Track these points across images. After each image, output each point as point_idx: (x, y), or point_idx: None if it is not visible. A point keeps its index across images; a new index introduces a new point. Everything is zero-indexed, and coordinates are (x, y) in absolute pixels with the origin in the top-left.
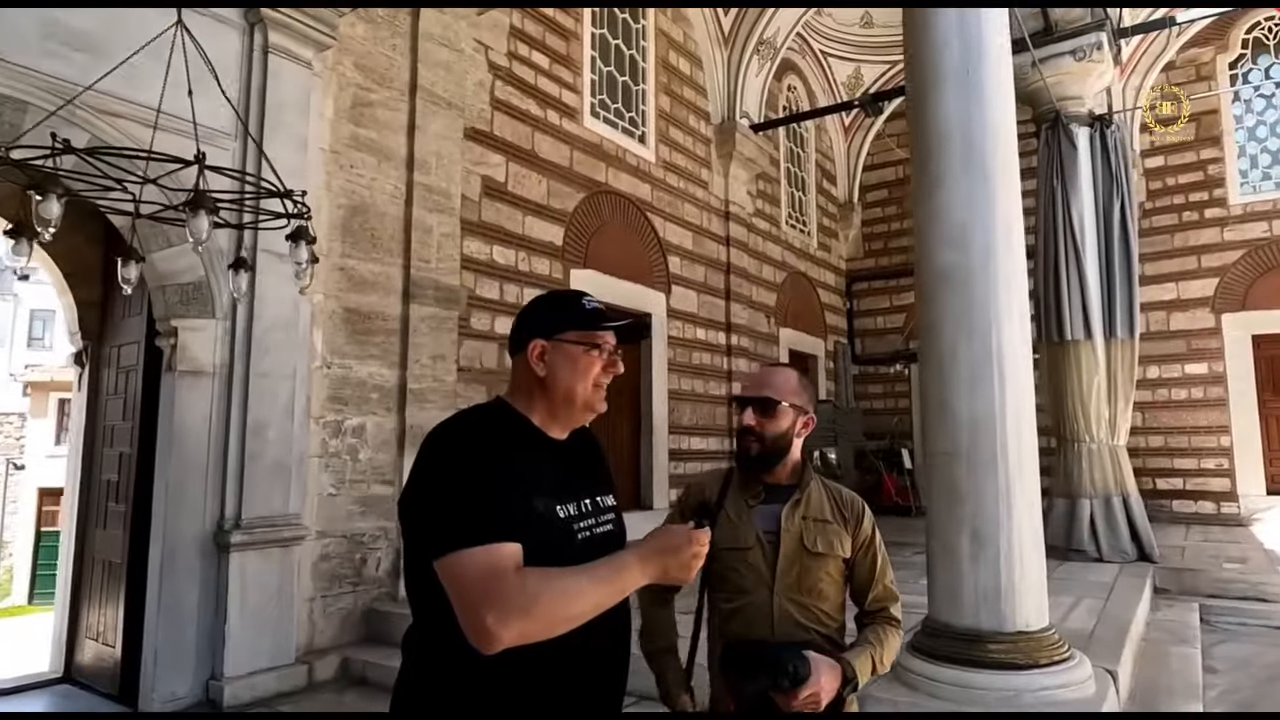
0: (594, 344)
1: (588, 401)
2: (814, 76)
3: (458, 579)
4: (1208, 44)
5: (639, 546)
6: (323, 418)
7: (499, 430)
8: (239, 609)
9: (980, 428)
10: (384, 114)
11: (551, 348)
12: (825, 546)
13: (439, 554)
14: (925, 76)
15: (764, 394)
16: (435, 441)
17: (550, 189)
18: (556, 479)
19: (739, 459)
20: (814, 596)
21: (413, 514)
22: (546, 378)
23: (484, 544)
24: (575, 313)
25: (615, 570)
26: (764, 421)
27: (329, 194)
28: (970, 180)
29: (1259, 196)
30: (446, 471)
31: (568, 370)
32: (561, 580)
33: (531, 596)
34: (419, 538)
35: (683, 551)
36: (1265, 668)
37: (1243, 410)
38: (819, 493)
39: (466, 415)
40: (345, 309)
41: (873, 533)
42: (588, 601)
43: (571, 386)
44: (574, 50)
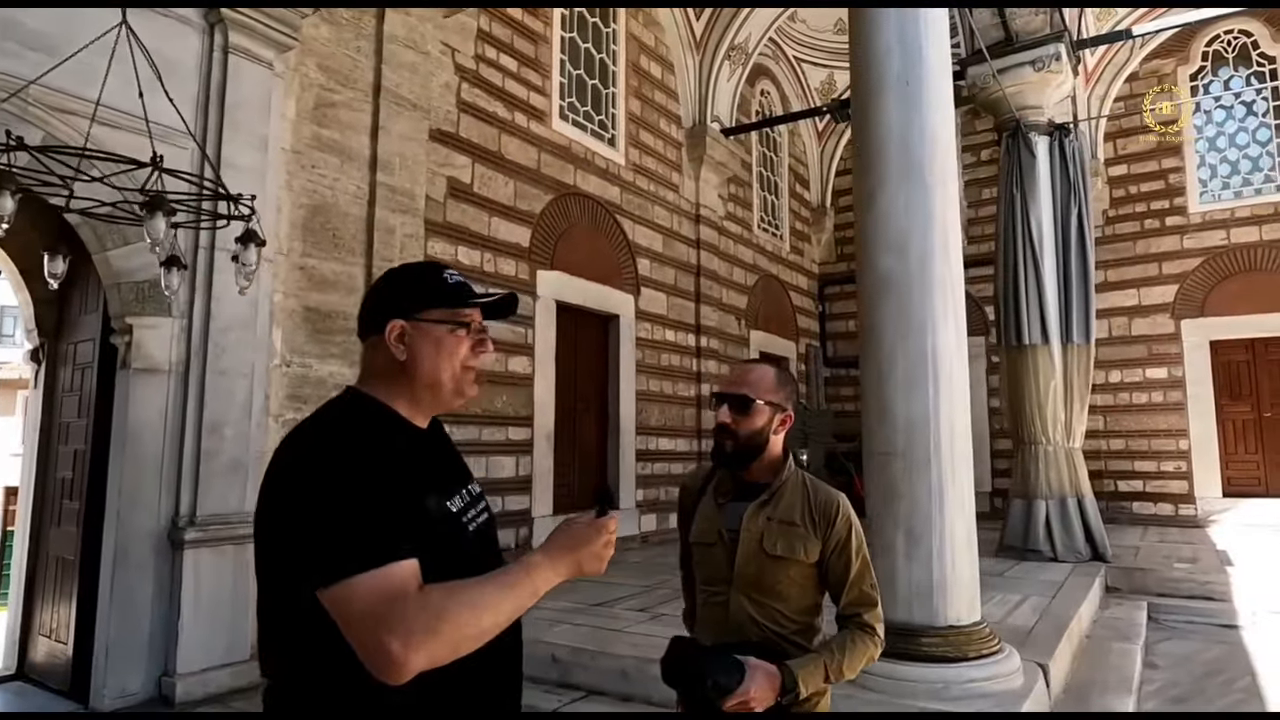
0: (460, 322)
1: (457, 386)
2: (787, 82)
3: (352, 608)
4: (1169, 56)
5: (545, 546)
6: (282, 416)
7: (371, 428)
8: (193, 605)
9: (916, 429)
10: (347, 115)
11: (412, 328)
12: (785, 550)
13: (325, 583)
14: (868, 85)
15: (739, 391)
16: (296, 452)
17: (518, 190)
18: (437, 472)
19: (714, 455)
20: (772, 597)
21: (280, 542)
22: (408, 362)
23: (379, 565)
24: (437, 288)
25: (523, 573)
26: (739, 419)
27: (290, 194)
28: (909, 188)
29: (1218, 205)
30: (321, 486)
31: (432, 352)
32: (467, 593)
33: (436, 614)
34: (289, 569)
35: (593, 543)
36: (1204, 664)
37: (1200, 414)
38: (793, 494)
39: (324, 416)
40: (306, 308)
41: (847, 535)
42: (499, 612)
43: (437, 370)
44: (543, 53)
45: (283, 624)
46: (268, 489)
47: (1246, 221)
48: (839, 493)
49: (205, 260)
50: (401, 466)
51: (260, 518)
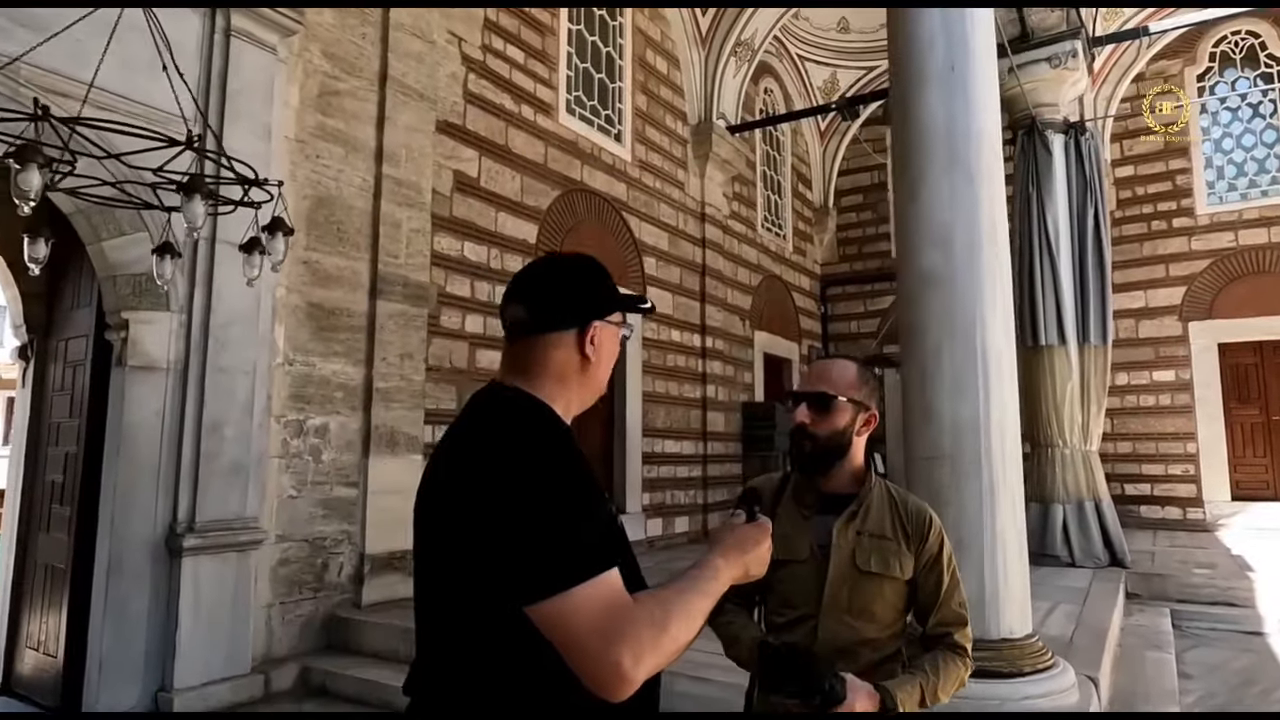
0: (627, 326)
1: (604, 387)
2: (791, 80)
3: (577, 621)
4: (1176, 57)
5: (718, 549)
6: (284, 416)
7: (559, 428)
8: (191, 616)
9: (964, 432)
10: (352, 104)
11: (599, 330)
12: (880, 566)
13: (540, 596)
14: (909, 75)
15: (819, 388)
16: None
17: (524, 185)
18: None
19: (792, 461)
20: (864, 619)
21: (469, 555)
22: (593, 363)
23: (596, 575)
24: (615, 291)
25: (711, 577)
26: (818, 418)
27: (293, 184)
28: (953, 180)
29: (1225, 207)
30: (524, 492)
31: (609, 356)
32: (678, 602)
33: (660, 626)
34: (482, 584)
35: (760, 545)
36: (1237, 673)
37: (1209, 417)
38: (881, 504)
39: (504, 416)
40: (309, 304)
41: (939, 550)
42: (700, 621)
43: (607, 373)
44: (550, 45)
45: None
46: (445, 496)
47: (1255, 223)
48: (925, 503)
49: (206, 252)
50: (586, 464)
51: (433, 527)
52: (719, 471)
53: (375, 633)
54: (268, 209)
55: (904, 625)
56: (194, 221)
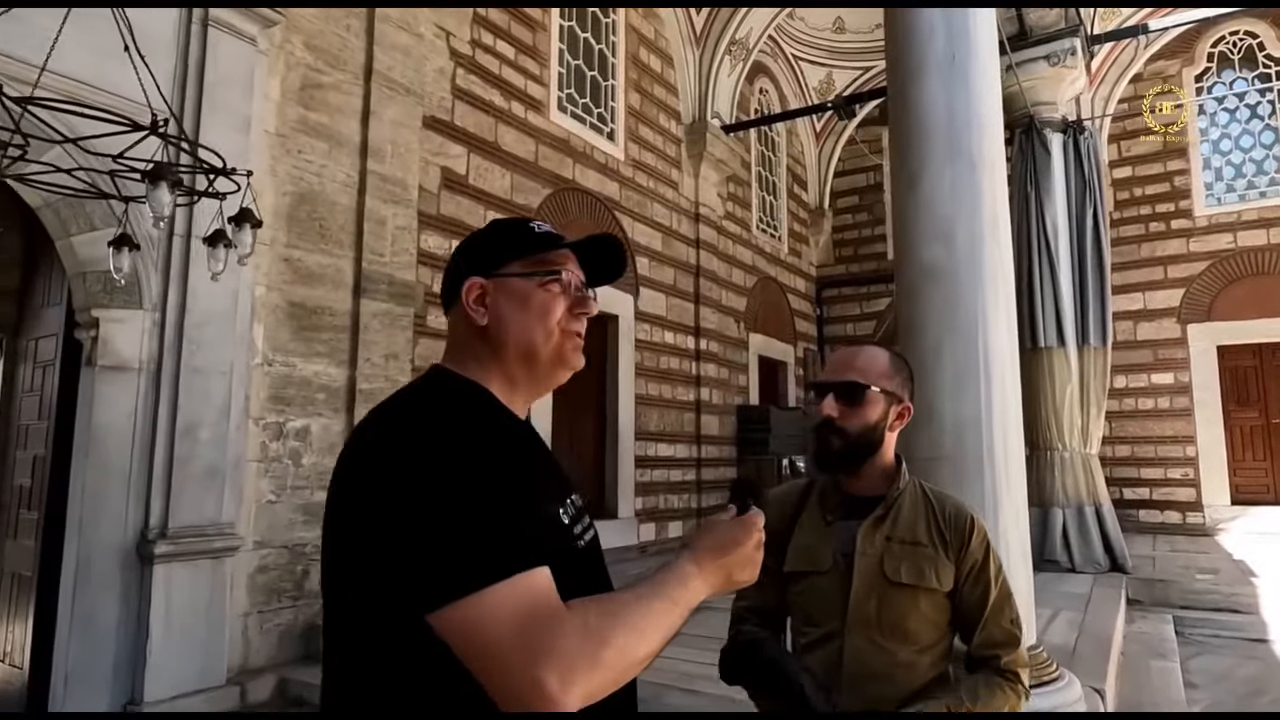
0: (548, 271)
1: (557, 352)
2: (786, 80)
3: (487, 631)
4: (1174, 57)
5: (692, 550)
6: (263, 419)
7: (472, 405)
8: (163, 626)
9: (966, 431)
10: (336, 98)
11: (494, 286)
12: (913, 576)
13: (442, 600)
14: (908, 64)
15: (847, 377)
16: (379, 440)
17: (514, 183)
18: (544, 473)
19: (817, 459)
20: (896, 638)
21: (363, 555)
22: (490, 326)
23: (515, 573)
24: (521, 236)
25: (677, 583)
26: (847, 411)
27: (274, 179)
28: (955, 170)
29: (1223, 208)
30: (421, 478)
31: (519, 313)
32: (627, 612)
33: (599, 639)
34: (379, 588)
35: (745, 544)
36: (1244, 682)
37: (1208, 420)
38: (914, 506)
39: (419, 394)
40: (290, 303)
41: (984, 558)
42: (660, 636)
43: (529, 334)
44: (541, 41)
45: (358, 656)
46: (341, 489)
47: (1254, 225)
48: (966, 504)
49: (180, 248)
50: (516, 457)
51: (331, 525)
52: (713, 475)
53: None
54: (235, 200)
55: (949, 646)
56: (159, 211)
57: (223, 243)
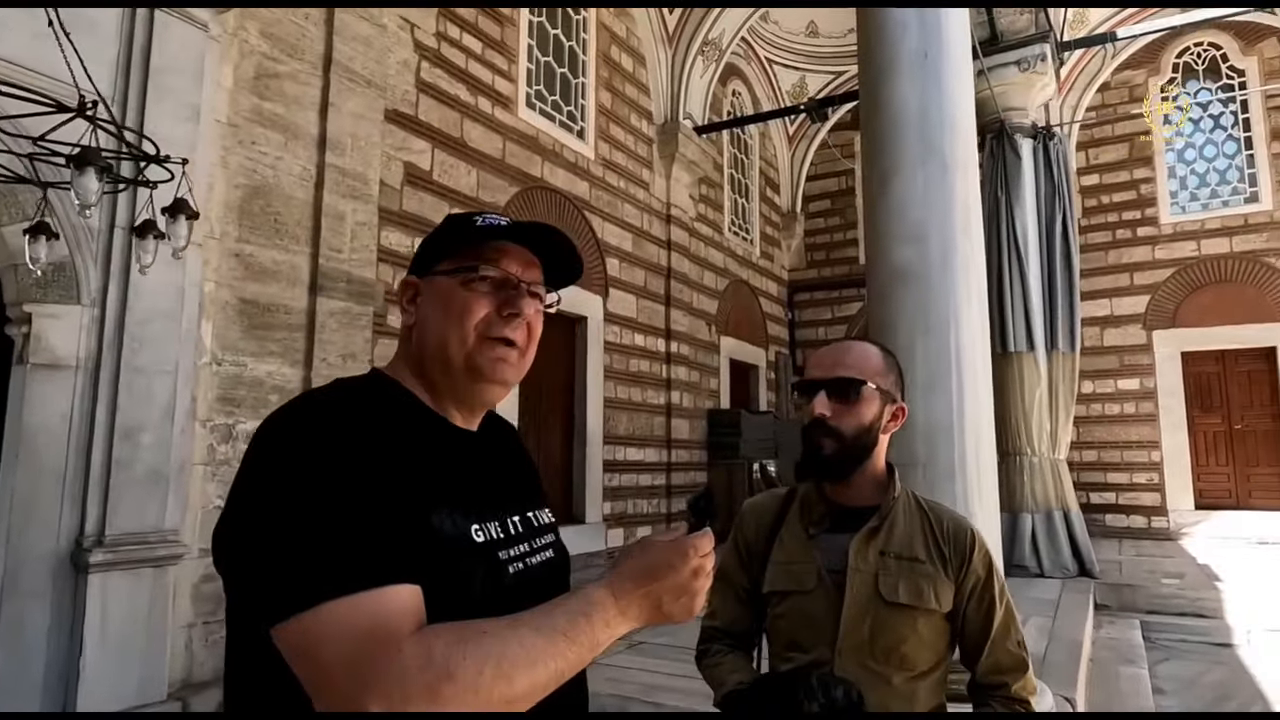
0: (467, 267)
1: (470, 360)
2: (759, 83)
3: (315, 650)
4: (1140, 67)
5: (612, 573)
6: (210, 421)
7: (370, 405)
8: (98, 639)
9: (938, 436)
10: (293, 88)
11: (425, 286)
12: (911, 595)
13: (281, 614)
14: (880, 61)
15: (841, 373)
16: (268, 435)
17: (480, 180)
18: (467, 485)
19: (806, 465)
20: (892, 664)
21: (233, 553)
22: (416, 327)
23: (360, 590)
24: (456, 230)
25: (579, 613)
26: (841, 410)
27: (225, 171)
28: (927, 172)
29: (1187, 217)
30: (286, 477)
31: (438, 314)
32: (491, 640)
33: (442, 669)
34: (244, 590)
35: (679, 570)
36: (1212, 687)
37: (1172, 426)
38: (909, 519)
39: (316, 393)
40: (241, 300)
41: (987, 576)
42: (542, 670)
43: (442, 338)
44: (509, 36)
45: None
46: (234, 486)
47: (1217, 233)
48: (963, 516)
49: (122, 240)
50: (397, 460)
51: (219, 525)
52: (683, 480)
53: None
54: (171, 189)
55: (945, 674)
56: (86, 199)
57: (153, 234)
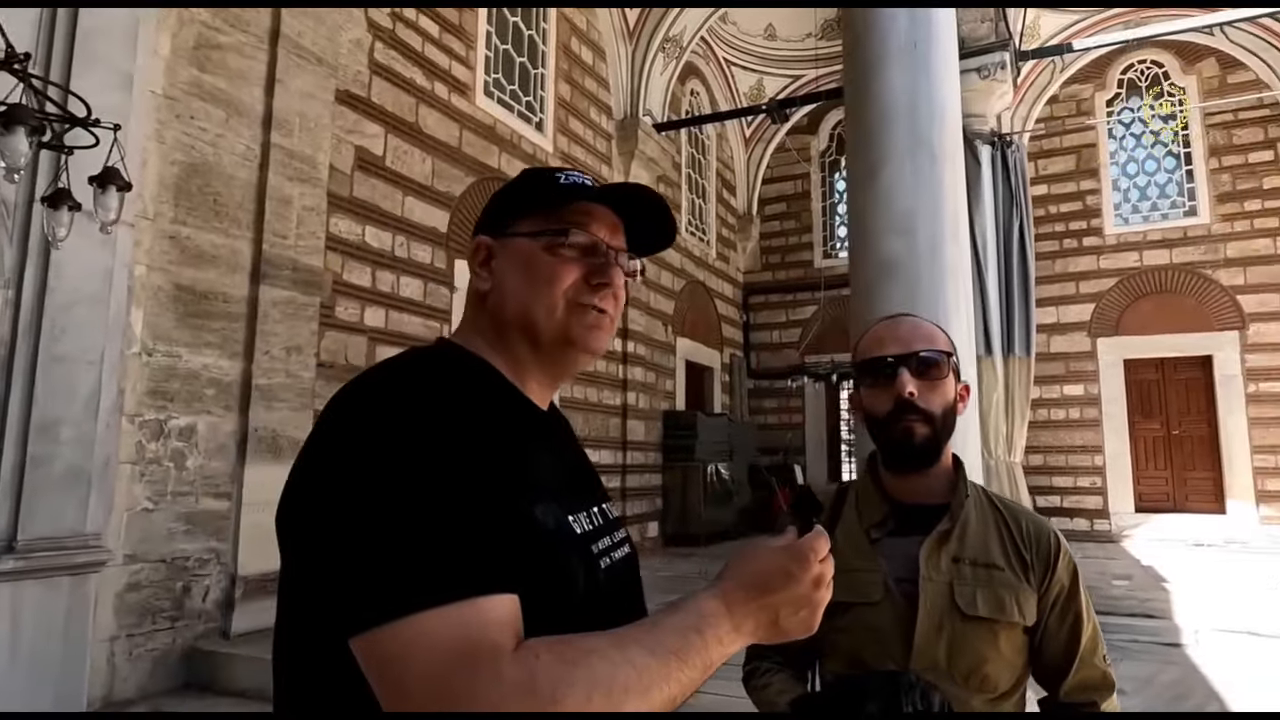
0: (555, 230)
1: (561, 329)
2: (717, 84)
3: (401, 670)
4: (1088, 81)
5: (722, 582)
6: (140, 416)
7: (461, 382)
8: (7, 652)
9: None
10: (237, 61)
11: (500, 247)
12: (991, 608)
13: (362, 624)
14: (869, 51)
15: (922, 347)
16: (349, 408)
17: (435, 168)
18: (558, 470)
19: (898, 455)
20: (974, 685)
21: (304, 542)
22: (491, 294)
23: (456, 600)
24: (537, 191)
25: (691, 629)
26: (928, 388)
27: (161, 146)
28: (916, 162)
29: (1130, 228)
30: (372, 463)
31: (520, 280)
32: (600, 663)
33: (546, 696)
34: (314, 586)
35: (799, 580)
36: (1168, 686)
37: (1115, 431)
38: (982, 519)
39: (394, 365)
40: (176, 286)
41: (1072, 585)
42: (652, 696)
43: (528, 306)
44: (468, 22)
45: (295, 678)
46: (305, 467)
47: (1158, 244)
48: (1042, 517)
49: (43, 215)
50: (500, 448)
51: (283, 508)
52: (638, 483)
53: (245, 668)
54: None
55: (1025, 695)
56: (14, 161)
57: (67, 204)
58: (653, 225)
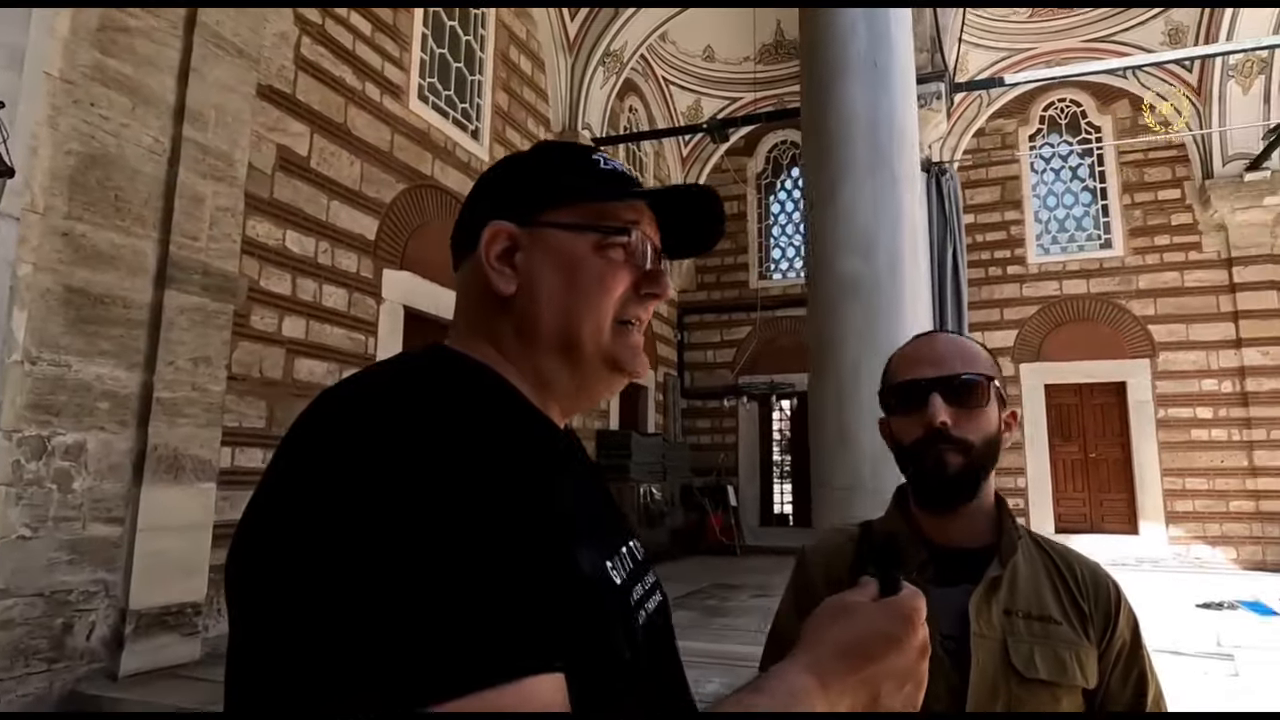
0: (614, 228)
1: (609, 352)
2: (655, 102)
3: None
4: (1012, 116)
5: (810, 649)
6: (19, 431)
7: (482, 405)
8: None
9: (885, 459)
10: (146, 46)
11: (529, 239)
12: (1052, 669)
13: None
14: (827, 66)
15: (961, 370)
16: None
17: (364, 173)
18: (589, 507)
19: (929, 490)
20: None
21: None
22: (519, 297)
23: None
24: (580, 172)
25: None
26: (965, 416)
27: (54, 133)
28: (876, 182)
29: (1050, 258)
30: (386, 509)
31: (562, 283)
32: None
33: None
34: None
35: (903, 647)
36: None
37: (1037, 453)
38: (1032, 565)
39: (395, 377)
40: (67, 288)
41: (1134, 639)
42: None
43: (573, 317)
44: (403, 22)
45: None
46: (263, 510)
47: (1076, 275)
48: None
49: None
50: (534, 473)
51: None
52: None
53: None
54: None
55: None
56: None
57: None
58: (690, 227)
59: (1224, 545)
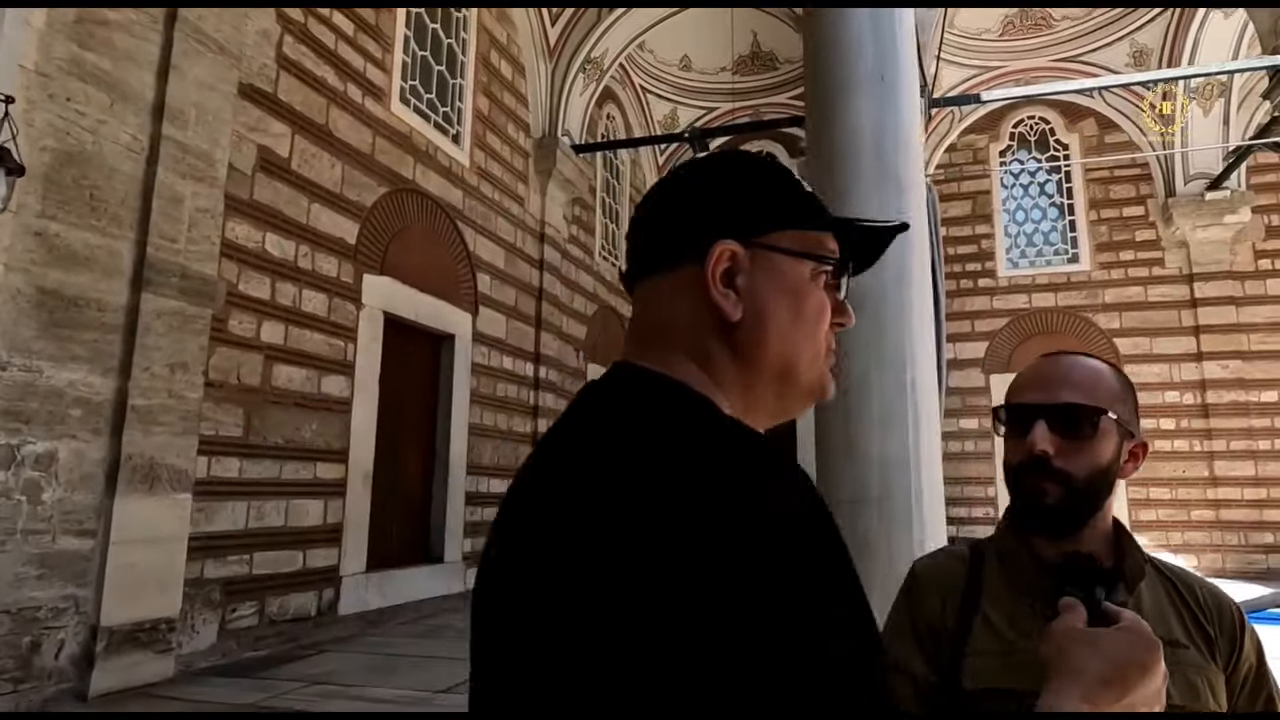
0: (831, 257)
1: (818, 379)
2: (633, 110)
3: None
4: (983, 132)
5: (1075, 679)
6: None
7: (745, 440)
8: None
9: (893, 472)
10: (125, 41)
11: (753, 263)
12: (1185, 694)
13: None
14: (834, 80)
15: (1070, 398)
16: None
17: (345, 175)
18: None
19: (1023, 518)
20: None
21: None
22: (745, 323)
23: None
24: (791, 194)
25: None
26: (1068, 447)
27: (30, 129)
28: (884, 193)
29: (1019, 271)
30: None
31: (785, 310)
32: None
33: None
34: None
35: (1152, 672)
36: None
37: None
38: (1155, 590)
39: (652, 426)
40: (40, 289)
41: (1260, 662)
42: None
43: (795, 346)
44: (385, 24)
45: None
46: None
47: (1045, 288)
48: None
49: None
50: (828, 532)
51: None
52: None
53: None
54: None
55: None
56: None
57: None
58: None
59: (1186, 553)
